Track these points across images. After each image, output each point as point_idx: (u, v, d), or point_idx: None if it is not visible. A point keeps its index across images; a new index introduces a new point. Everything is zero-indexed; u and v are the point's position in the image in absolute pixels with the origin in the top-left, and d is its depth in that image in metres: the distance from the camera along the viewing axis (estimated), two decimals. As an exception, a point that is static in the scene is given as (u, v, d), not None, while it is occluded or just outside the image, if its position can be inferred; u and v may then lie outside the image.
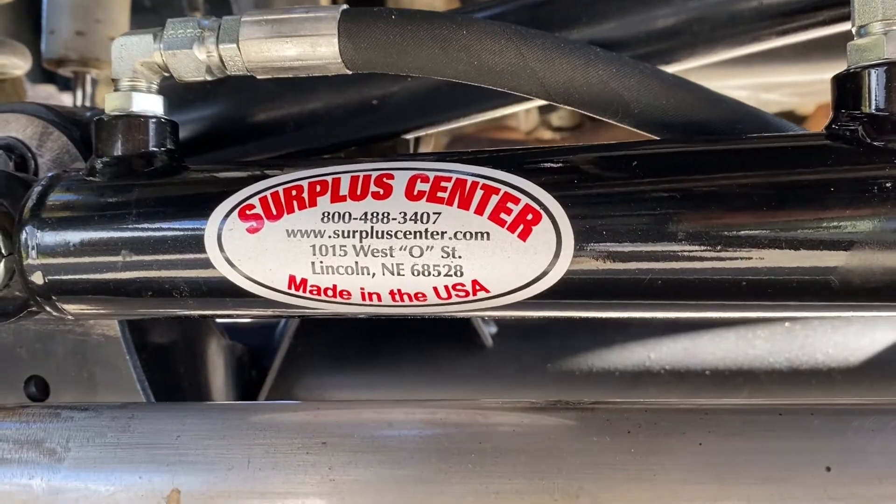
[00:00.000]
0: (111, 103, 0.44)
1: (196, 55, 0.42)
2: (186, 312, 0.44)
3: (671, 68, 0.50)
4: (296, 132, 0.52)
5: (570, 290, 0.37)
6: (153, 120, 0.44)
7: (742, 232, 0.34)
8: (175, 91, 0.51)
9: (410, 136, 0.57)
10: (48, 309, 0.45)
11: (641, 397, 0.63)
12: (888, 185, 0.33)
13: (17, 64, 0.76)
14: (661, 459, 0.34)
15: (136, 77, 0.44)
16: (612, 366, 0.64)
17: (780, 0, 0.47)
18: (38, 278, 0.43)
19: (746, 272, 0.35)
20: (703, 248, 0.35)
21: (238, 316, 0.53)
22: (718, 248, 0.35)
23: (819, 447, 0.32)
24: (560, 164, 0.38)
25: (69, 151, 0.51)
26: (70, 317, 0.46)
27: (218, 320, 0.62)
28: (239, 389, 0.64)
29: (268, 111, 0.52)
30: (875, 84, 0.35)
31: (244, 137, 0.53)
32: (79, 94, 0.91)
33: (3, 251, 0.44)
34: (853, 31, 0.37)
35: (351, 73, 0.42)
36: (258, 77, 0.44)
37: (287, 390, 0.64)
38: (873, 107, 0.35)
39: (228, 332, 0.62)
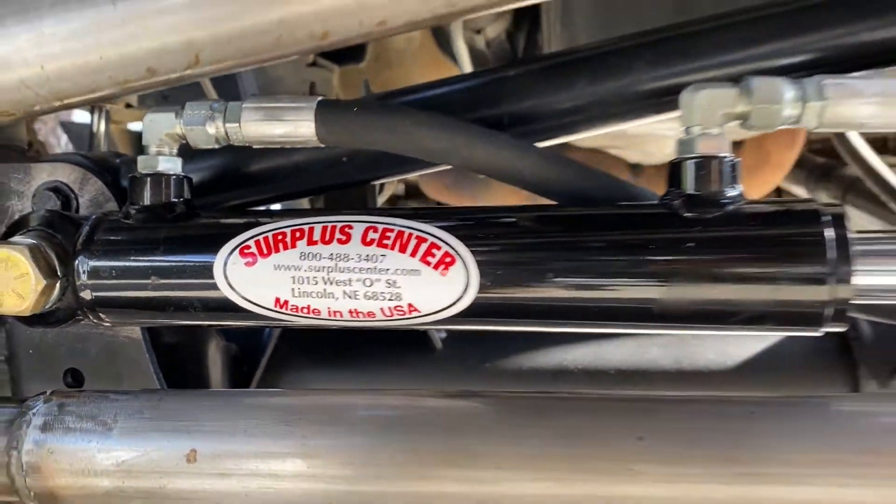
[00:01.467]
0: (142, 164, 0.58)
1: (207, 130, 0.57)
2: (197, 323, 0.59)
3: (574, 136, 0.66)
4: (283, 180, 0.67)
5: (477, 311, 0.52)
6: (174, 177, 0.58)
7: (594, 272, 0.49)
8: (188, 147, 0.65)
9: (375, 183, 0.72)
10: (91, 318, 0.59)
11: (560, 390, 0.78)
12: (691, 244, 0.48)
13: None
14: (537, 432, 0.49)
15: (161, 144, 0.58)
16: (537, 365, 0.79)
17: (654, 87, 0.63)
18: (87, 295, 0.57)
19: (597, 300, 0.50)
20: (568, 283, 0.50)
21: (236, 325, 0.68)
22: (578, 283, 0.50)
23: (638, 424, 0.47)
24: (470, 221, 0.52)
25: (104, 193, 0.65)
26: (107, 324, 0.60)
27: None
28: (233, 381, 0.78)
29: (260, 163, 0.67)
30: (690, 171, 0.50)
31: (242, 183, 0.67)
32: (95, 116, 1.06)
33: (59, 273, 0.58)
34: (682, 129, 0.52)
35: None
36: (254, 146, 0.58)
37: (272, 382, 0.79)
38: (689, 188, 0.50)
39: (225, 336, 0.77)
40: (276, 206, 0.81)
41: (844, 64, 0.59)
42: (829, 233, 0.47)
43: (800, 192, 1.72)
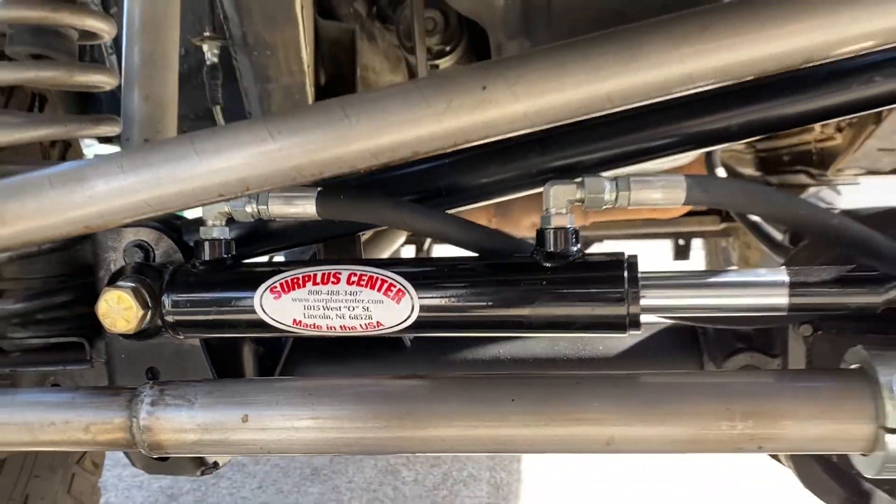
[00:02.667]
0: (203, 233, 0.89)
1: (246, 210, 0.88)
2: (240, 335, 0.90)
3: (490, 201, 0.97)
4: (292, 236, 0.98)
5: (419, 325, 0.83)
6: (223, 241, 0.89)
7: (489, 299, 0.81)
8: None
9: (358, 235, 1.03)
10: (171, 333, 0.90)
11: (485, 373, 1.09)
12: (546, 282, 0.80)
13: (108, 82, 1.07)
14: (456, 397, 0.80)
15: (215, 219, 0.89)
16: (480, 357, 1.10)
17: (540, 169, 0.94)
18: (170, 319, 0.88)
19: (490, 317, 0.81)
20: (472, 306, 0.81)
21: (265, 336, 0.98)
22: (478, 306, 0.81)
23: (513, 390, 0.78)
24: (415, 268, 0.84)
25: (172, 247, 0.96)
26: (180, 337, 0.91)
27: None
28: (260, 372, 1.09)
29: (277, 226, 0.98)
30: (549, 237, 0.81)
31: (268, 238, 0.98)
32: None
33: (150, 305, 0.89)
34: (545, 209, 0.83)
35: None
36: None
37: (288, 372, 1.10)
38: (547, 247, 0.81)
39: (256, 341, 1.08)
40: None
41: (651, 155, 0.91)
42: (626, 273, 0.78)
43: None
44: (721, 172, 1.93)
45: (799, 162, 2.36)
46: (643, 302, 0.79)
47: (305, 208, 0.87)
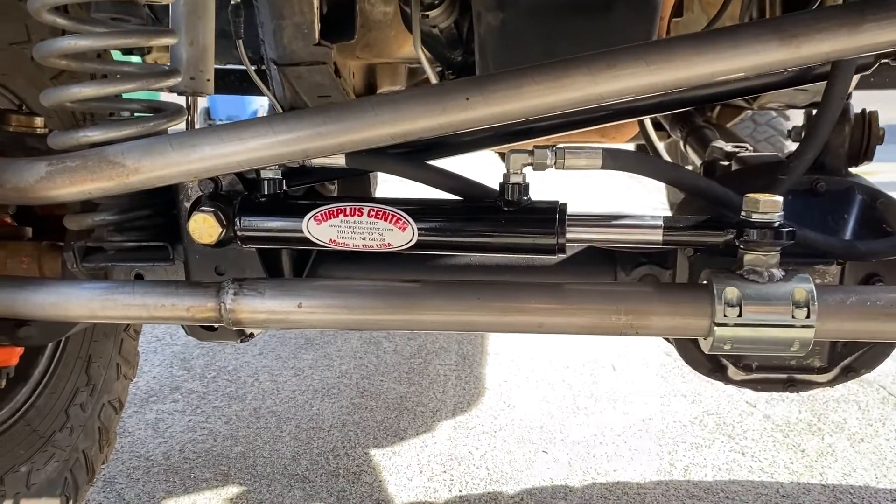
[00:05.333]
0: (262, 173, 1.25)
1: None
2: (289, 247, 1.28)
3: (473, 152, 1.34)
4: (321, 174, 1.34)
5: (419, 246, 1.21)
6: (278, 180, 1.25)
7: (462, 231, 1.19)
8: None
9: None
10: (240, 244, 1.28)
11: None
12: (503, 220, 1.18)
13: (172, 41, 1.30)
14: (442, 294, 1.20)
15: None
16: (456, 263, 1.49)
17: (512, 131, 1.30)
18: (241, 234, 1.25)
19: (462, 243, 1.20)
20: (449, 234, 1.19)
21: (308, 248, 1.35)
22: (453, 234, 1.19)
23: (479, 292, 1.18)
24: (414, 206, 1.21)
25: (234, 180, 1.32)
26: (245, 247, 1.29)
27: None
28: (294, 272, 1.48)
29: (312, 168, 1.34)
30: (507, 189, 1.19)
31: (305, 174, 1.34)
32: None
33: (225, 223, 1.26)
34: (505, 170, 1.20)
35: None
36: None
37: (314, 273, 1.49)
38: (507, 196, 1.19)
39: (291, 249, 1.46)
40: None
41: (588, 124, 1.28)
42: (557, 216, 1.17)
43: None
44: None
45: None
46: (568, 235, 1.18)
47: (338, 160, 1.23)
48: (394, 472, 2.38)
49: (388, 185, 5.47)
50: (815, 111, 1.39)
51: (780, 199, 1.14)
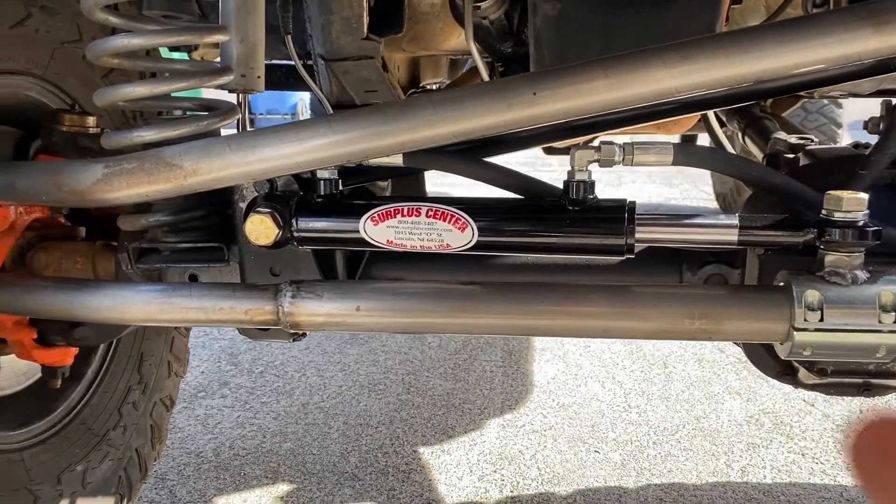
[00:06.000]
0: (318, 173, 1.22)
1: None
2: (346, 248, 1.25)
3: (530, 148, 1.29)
4: (376, 174, 1.31)
5: (478, 247, 1.17)
6: (334, 180, 1.22)
7: (527, 231, 1.14)
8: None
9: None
10: (296, 245, 1.25)
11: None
12: (567, 220, 1.13)
13: (223, 38, 1.29)
14: (497, 297, 1.16)
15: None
16: (514, 263, 1.45)
17: (570, 128, 1.25)
18: (298, 235, 1.23)
19: (527, 243, 1.15)
20: (513, 235, 1.15)
21: (364, 249, 1.32)
22: (518, 235, 1.15)
23: (543, 294, 1.14)
24: (475, 206, 1.17)
25: (290, 179, 1.29)
26: (301, 248, 1.26)
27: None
28: (347, 274, 1.45)
29: (367, 167, 1.30)
30: (572, 188, 1.14)
31: (357, 175, 1.31)
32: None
33: (281, 224, 1.23)
34: (570, 167, 1.15)
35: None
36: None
37: (367, 274, 1.46)
38: (571, 195, 1.14)
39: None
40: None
41: (654, 117, 1.22)
42: (626, 215, 1.12)
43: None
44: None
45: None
46: (637, 236, 1.13)
47: (396, 159, 1.19)
48: (443, 471, 2.35)
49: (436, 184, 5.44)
50: (895, 101, 1.31)
51: (864, 196, 1.08)
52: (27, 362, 1.64)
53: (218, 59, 1.47)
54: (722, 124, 2.75)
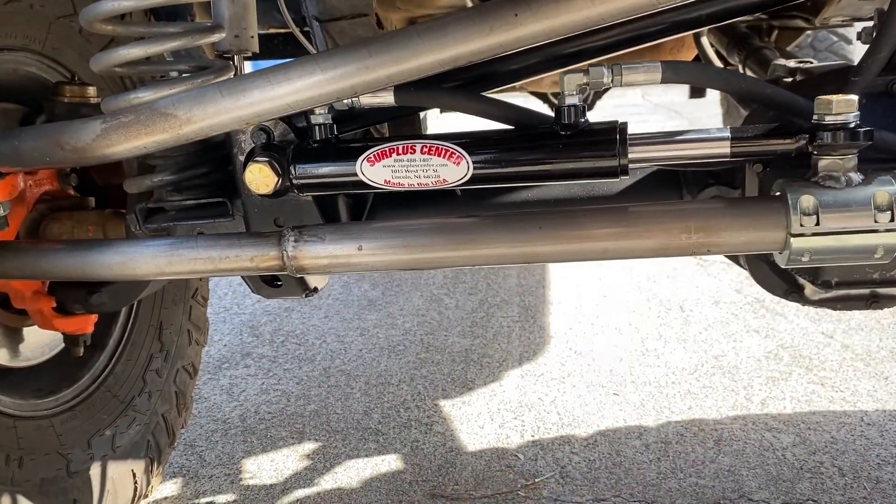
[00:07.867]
0: (313, 119, 1.24)
1: (343, 101, 1.21)
2: (348, 192, 1.26)
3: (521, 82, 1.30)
4: (372, 118, 1.32)
5: (473, 180, 1.18)
6: (329, 125, 1.24)
7: (521, 158, 1.16)
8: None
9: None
10: (297, 193, 1.27)
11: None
12: (560, 145, 1.14)
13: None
14: (497, 227, 1.17)
15: (321, 108, 1.23)
16: (514, 199, 1.46)
17: (559, 55, 1.25)
18: (297, 182, 1.25)
19: (521, 172, 1.16)
20: (508, 163, 1.16)
21: (363, 192, 1.34)
22: (513, 163, 1.16)
23: (540, 221, 1.15)
24: (467, 139, 1.18)
25: (286, 129, 1.31)
26: (301, 195, 1.28)
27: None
28: (350, 217, 1.47)
29: (362, 110, 1.31)
30: (563, 112, 1.14)
31: (355, 118, 1.32)
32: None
33: (280, 172, 1.25)
34: (560, 92, 1.16)
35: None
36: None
37: (372, 217, 1.48)
38: (562, 120, 1.15)
39: (346, 194, 1.45)
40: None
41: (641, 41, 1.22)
42: (618, 136, 1.12)
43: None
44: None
45: (795, 8, 2.59)
46: (630, 156, 1.13)
47: (386, 98, 1.21)
48: (465, 422, 2.39)
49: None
50: (886, 7, 1.30)
51: (854, 98, 1.08)
52: (50, 333, 1.69)
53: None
54: (725, 63, 2.72)
